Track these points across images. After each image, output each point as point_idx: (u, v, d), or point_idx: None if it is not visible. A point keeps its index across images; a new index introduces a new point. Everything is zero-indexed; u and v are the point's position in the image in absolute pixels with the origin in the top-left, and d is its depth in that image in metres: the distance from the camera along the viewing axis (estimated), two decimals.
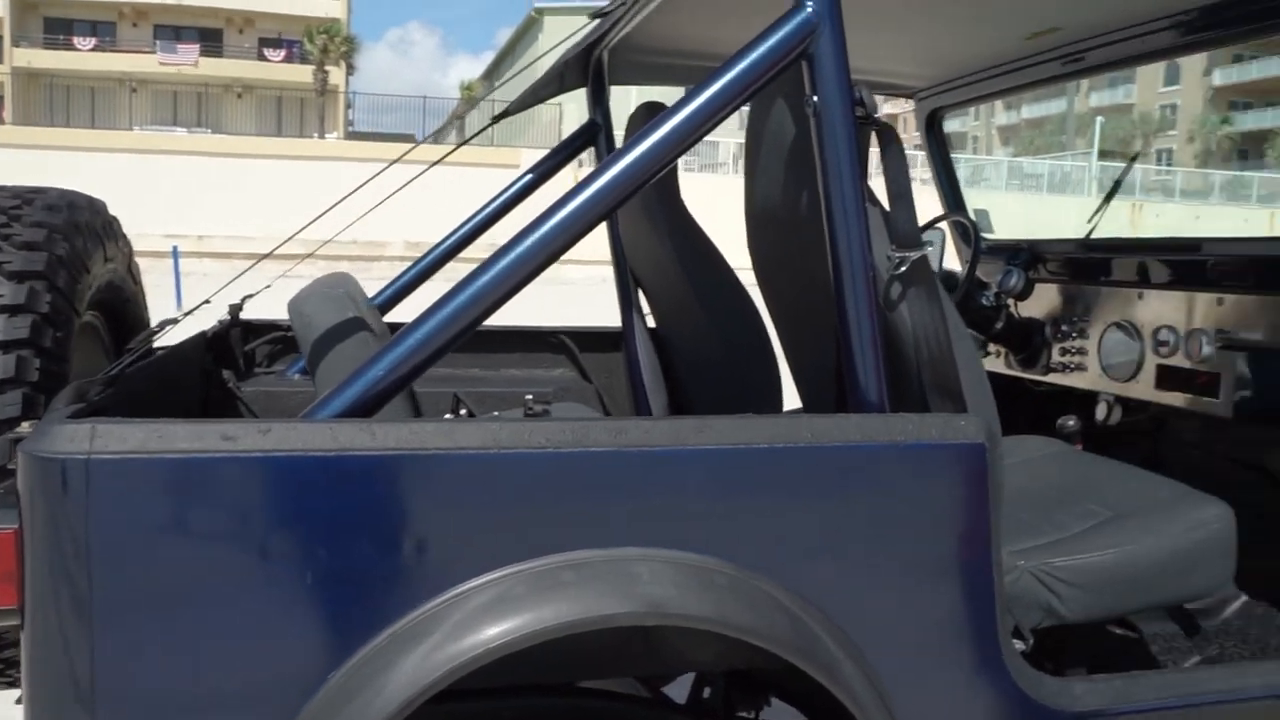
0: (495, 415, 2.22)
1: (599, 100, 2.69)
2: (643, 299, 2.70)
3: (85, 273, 2.11)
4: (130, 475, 1.23)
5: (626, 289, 2.67)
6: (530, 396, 2.15)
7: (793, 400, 2.13)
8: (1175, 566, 1.92)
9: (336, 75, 40.18)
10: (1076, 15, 2.34)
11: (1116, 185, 3.19)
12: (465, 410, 2.36)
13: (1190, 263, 2.52)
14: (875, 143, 1.60)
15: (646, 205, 2.25)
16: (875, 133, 1.57)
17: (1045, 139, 51.34)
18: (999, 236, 3.25)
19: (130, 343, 2.30)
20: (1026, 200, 26.21)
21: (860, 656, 1.45)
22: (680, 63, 2.62)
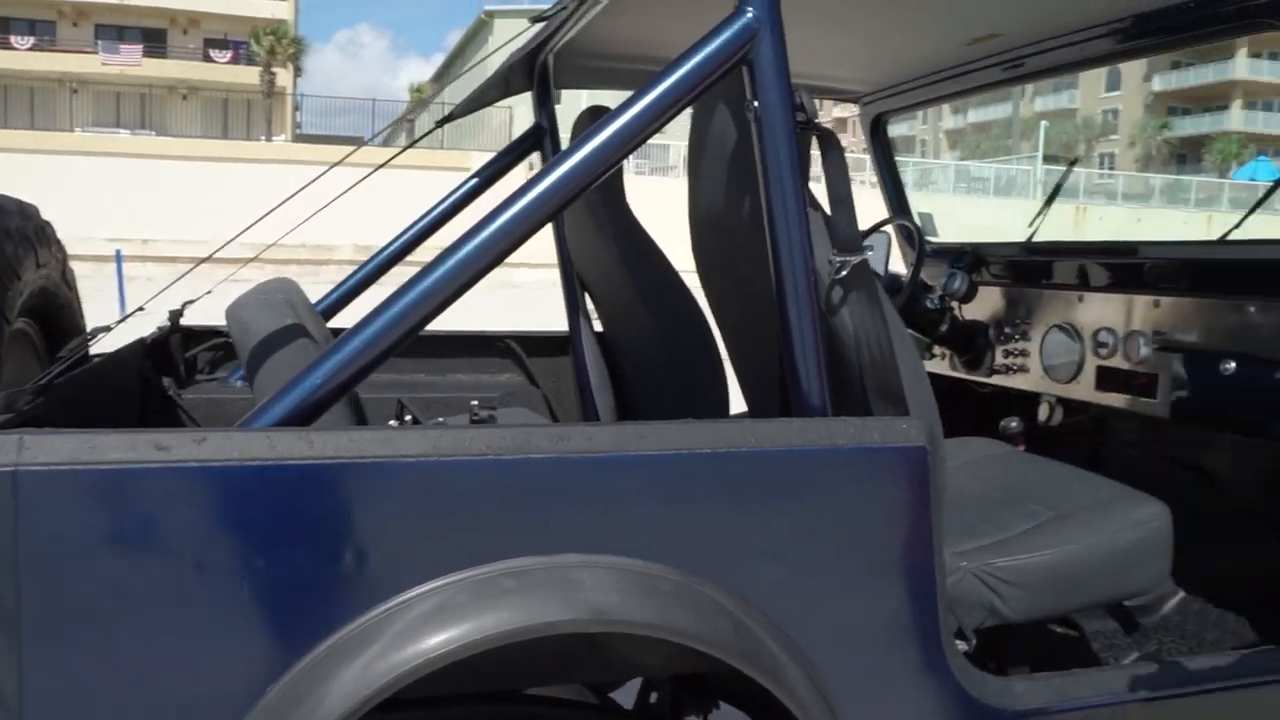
0: (440, 421, 2.20)
1: (544, 104, 2.69)
2: (590, 303, 2.70)
3: (15, 279, 2.06)
4: (60, 487, 1.20)
5: (573, 293, 2.67)
6: (476, 402, 2.14)
7: (740, 403, 2.14)
8: (1114, 565, 1.95)
9: (284, 77, 39.70)
10: (1015, 22, 2.37)
11: (1056, 190, 3.24)
12: (410, 416, 2.33)
13: (1128, 266, 2.57)
14: (816, 147, 1.61)
15: (592, 209, 2.24)
16: (816, 138, 1.58)
17: (991, 143, 52.04)
18: (943, 240, 3.28)
19: (62, 351, 2.26)
20: (973, 203, 26.56)
21: (804, 660, 1.46)
22: (626, 67, 2.62)
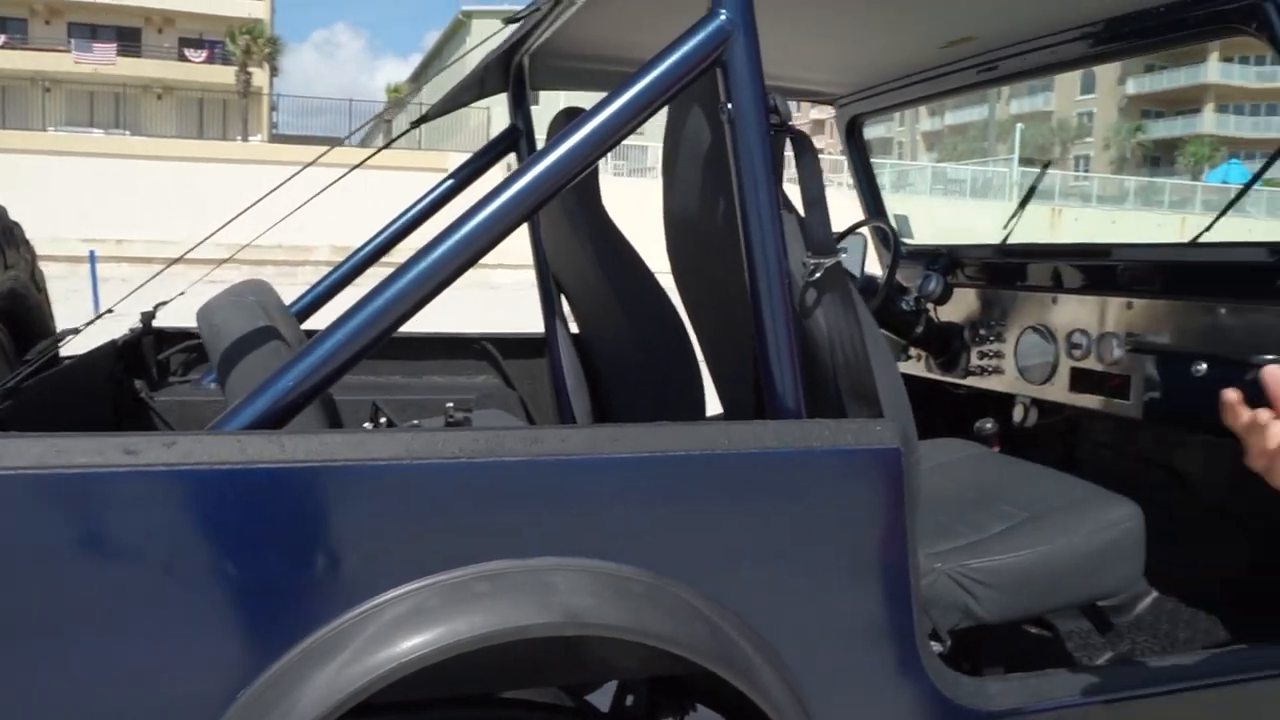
0: (415, 423, 2.19)
1: (520, 105, 2.68)
2: (566, 305, 2.69)
3: None
4: (27, 491, 1.19)
5: (549, 295, 2.66)
6: (451, 404, 2.13)
7: (716, 404, 2.14)
8: (1088, 566, 1.96)
9: (260, 77, 39.44)
10: (990, 25, 2.38)
11: (1030, 192, 3.27)
12: (385, 419, 2.32)
13: (1101, 268, 2.58)
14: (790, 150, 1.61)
15: (568, 211, 2.24)
16: (790, 140, 1.58)
17: (968, 145, 52.37)
18: (919, 242, 3.30)
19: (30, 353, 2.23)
20: (950, 205, 26.72)
21: (779, 661, 1.46)
22: (602, 68, 2.62)
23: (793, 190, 1.61)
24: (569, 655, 1.51)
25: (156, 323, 2.66)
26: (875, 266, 3.27)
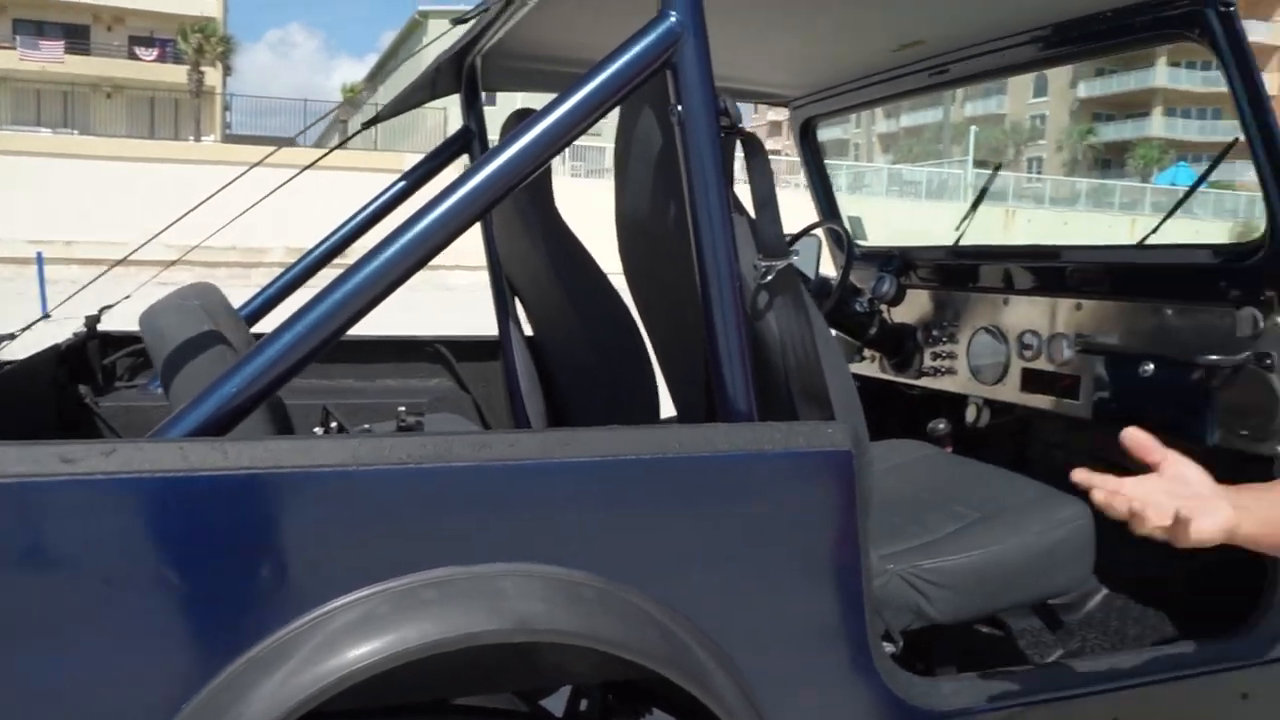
0: (366, 428, 2.16)
1: (473, 106, 2.66)
2: (520, 307, 2.68)
3: None
4: None
5: (503, 297, 2.64)
6: (403, 408, 2.11)
7: (671, 406, 2.14)
8: (1038, 565, 1.98)
9: (213, 76, 38.91)
10: (941, 29, 2.40)
11: (982, 194, 3.30)
12: (336, 423, 2.30)
13: (1051, 269, 2.61)
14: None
15: (520, 212, 2.23)
16: (740, 142, 1.58)
17: (923, 147, 52.85)
18: (874, 243, 3.32)
19: None
20: (906, 206, 26.94)
21: (731, 665, 1.46)
22: (554, 69, 2.60)
23: (745, 192, 1.61)
24: (522, 661, 1.50)
25: (103, 326, 2.61)
26: (830, 268, 3.28)
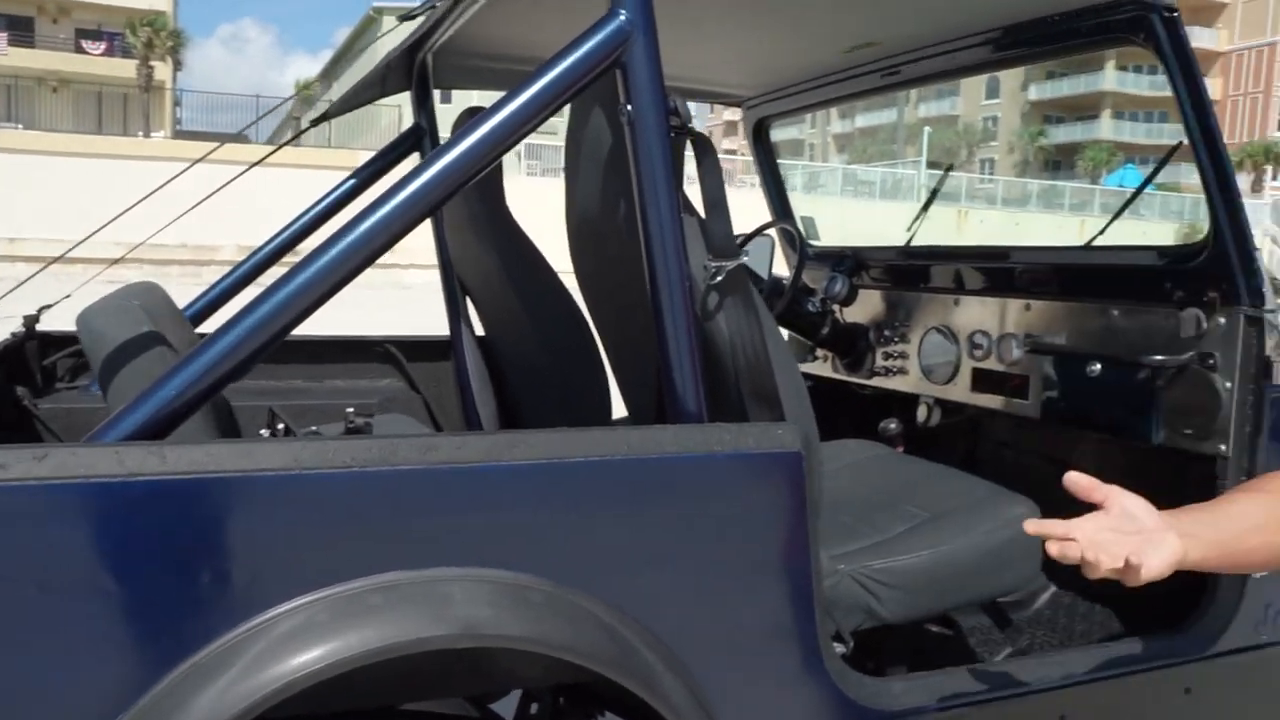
0: (314, 430, 2.13)
1: (423, 104, 2.63)
2: (472, 307, 2.65)
3: None
4: None
5: (454, 297, 2.61)
6: (351, 409, 2.08)
7: (623, 406, 2.13)
8: (988, 564, 2.00)
9: (163, 71, 38.26)
10: (892, 31, 2.41)
11: (933, 195, 3.32)
12: (282, 425, 2.26)
13: (1001, 270, 2.63)
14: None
15: (471, 212, 2.20)
16: (690, 142, 1.57)
17: (878, 147, 53.33)
18: (829, 243, 3.33)
19: None
20: (861, 206, 27.14)
21: (681, 667, 1.45)
22: (506, 67, 2.58)
23: (697, 193, 1.61)
24: (471, 665, 1.48)
25: (45, 326, 2.55)
26: (783, 268, 3.29)
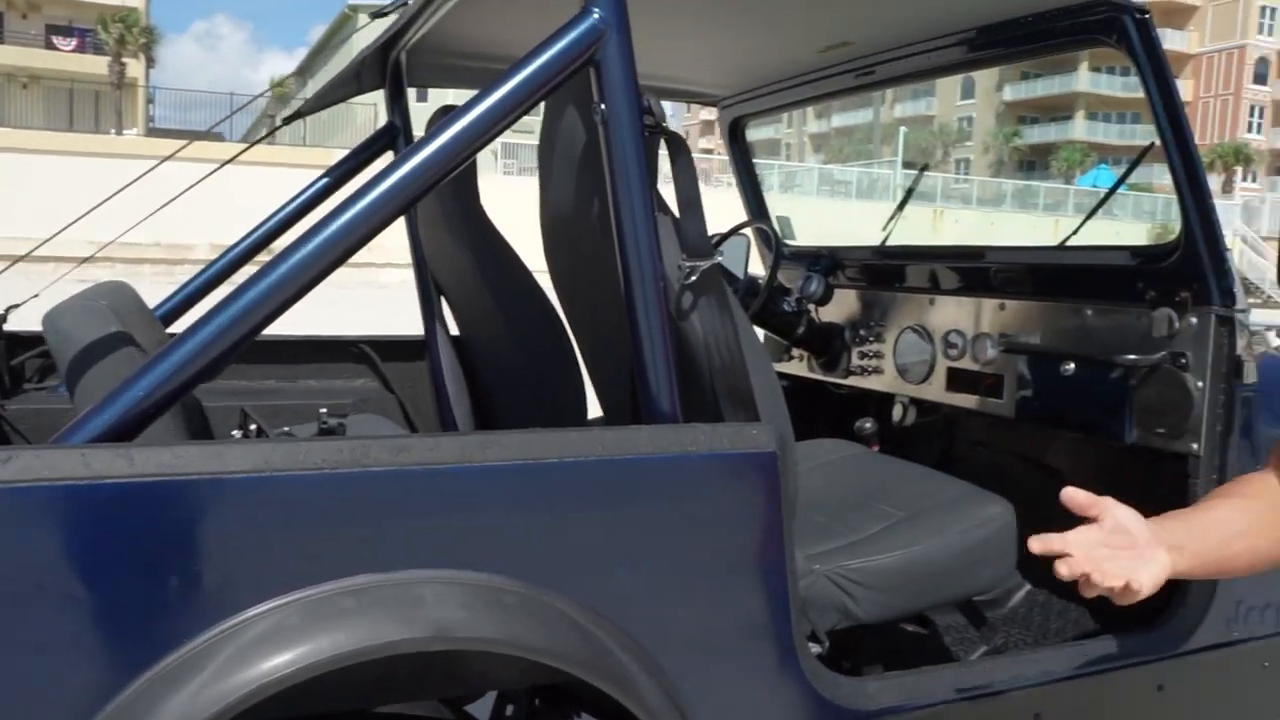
0: (287, 430, 2.11)
1: (397, 102, 2.61)
2: (446, 306, 2.64)
3: None
4: None
5: (429, 296, 2.60)
6: (325, 410, 2.07)
7: (598, 407, 2.12)
8: (962, 563, 2.00)
9: (135, 68, 37.91)
10: (866, 31, 2.41)
11: (908, 195, 3.33)
12: (255, 426, 2.24)
13: (975, 270, 2.64)
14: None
15: (445, 211, 2.19)
16: (665, 141, 1.57)
17: (854, 147, 53.50)
18: (804, 243, 3.33)
19: None
20: (836, 206, 27.26)
21: (656, 668, 1.45)
22: (481, 65, 2.57)
23: (672, 193, 1.60)
24: (445, 668, 1.47)
25: (11, 326, 2.51)
26: (759, 267, 3.29)
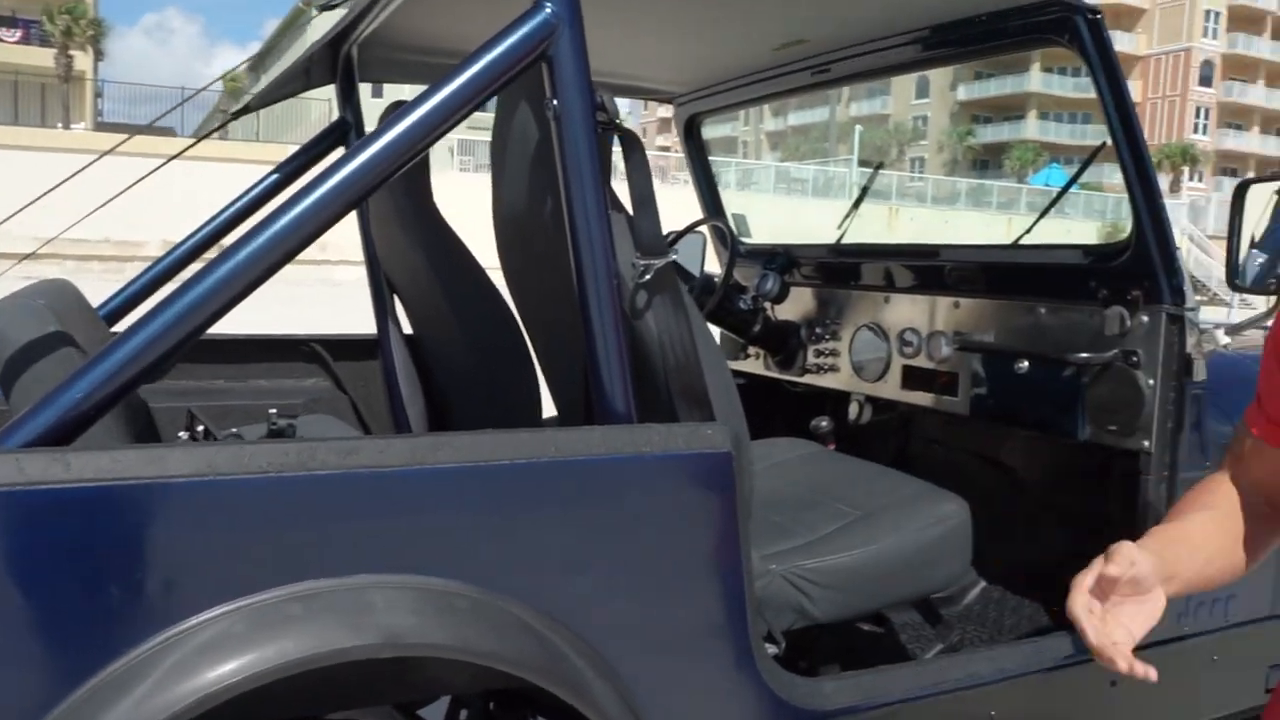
0: (234, 432, 2.07)
1: (349, 98, 2.57)
2: (399, 305, 2.60)
3: None
4: None
5: (381, 295, 2.56)
6: (274, 410, 2.02)
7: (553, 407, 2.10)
8: (918, 561, 2.01)
9: (83, 61, 37.22)
10: (821, 29, 2.41)
11: (863, 193, 3.35)
12: (202, 427, 2.19)
13: (930, 268, 2.65)
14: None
15: (398, 208, 2.16)
16: (618, 138, 1.55)
17: (810, 145, 53.78)
18: (760, 240, 3.33)
19: None
20: (793, 203, 27.39)
21: (612, 671, 1.43)
22: (435, 61, 2.53)
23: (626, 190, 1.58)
24: (396, 674, 1.45)
25: None
26: (715, 265, 3.28)
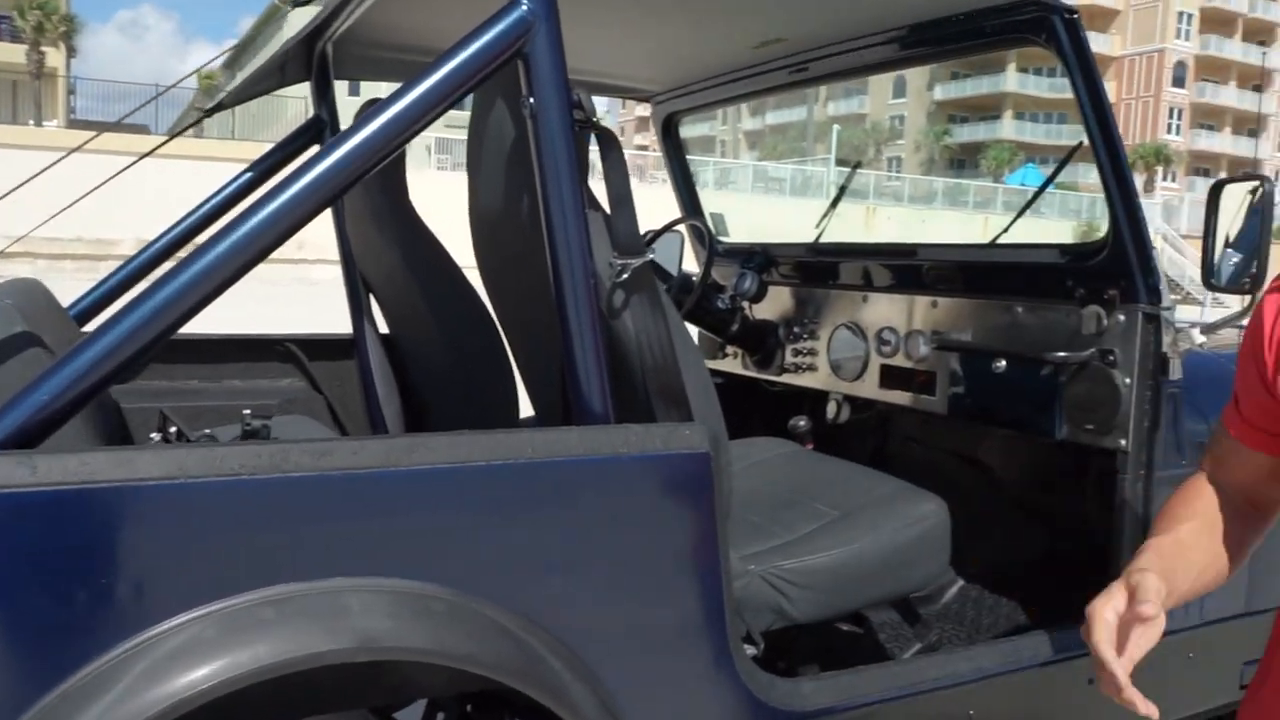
0: (207, 433, 2.04)
1: (324, 95, 2.55)
2: (375, 304, 2.58)
3: None
4: None
5: (357, 294, 2.54)
6: (249, 411, 2.00)
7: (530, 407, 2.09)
8: (896, 562, 2.01)
9: (56, 57, 36.84)
10: (799, 28, 2.41)
11: (841, 192, 3.35)
12: (175, 428, 2.16)
13: (907, 267, 2.65)
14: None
15: (373, 207, 2.14)
16: (595, 137, 1.54)
17: (788, 144, 53.91)
18: (738, 239, 3.33)
19: None
20: (771, 202, 27.45)
21: (590, 673, 1.42)
22: (411, 58, 2.51)
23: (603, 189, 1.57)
24: (372, 678, 1.43)
25: None
26: (693, 264, 3.28)
